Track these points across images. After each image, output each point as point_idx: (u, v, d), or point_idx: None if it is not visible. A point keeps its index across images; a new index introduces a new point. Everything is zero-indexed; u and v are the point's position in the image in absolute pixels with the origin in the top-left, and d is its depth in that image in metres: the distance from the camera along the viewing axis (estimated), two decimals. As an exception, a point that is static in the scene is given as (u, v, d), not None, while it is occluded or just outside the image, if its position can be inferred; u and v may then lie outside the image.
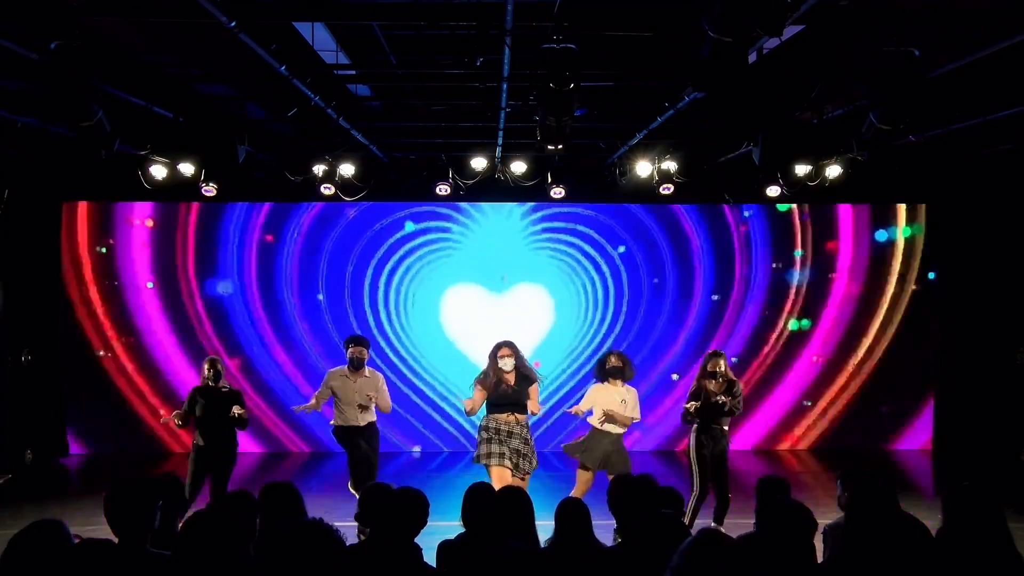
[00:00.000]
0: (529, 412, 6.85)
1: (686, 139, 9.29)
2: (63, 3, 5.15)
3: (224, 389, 7.05)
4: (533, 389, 6.89)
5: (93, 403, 10.63)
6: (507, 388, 6.75)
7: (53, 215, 10.42)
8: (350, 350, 7.25)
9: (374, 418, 7.33)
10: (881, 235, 10.91)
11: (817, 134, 8.21)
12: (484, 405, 6.78)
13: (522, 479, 6.60)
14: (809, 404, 10.98)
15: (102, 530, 3.38)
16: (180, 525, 3.53)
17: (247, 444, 10.72)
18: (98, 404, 10.63)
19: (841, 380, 10.95)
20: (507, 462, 6.59)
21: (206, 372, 7.03)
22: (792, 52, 6.23)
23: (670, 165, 9.38)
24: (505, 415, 6.69)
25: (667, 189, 9.58)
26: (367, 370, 7.29)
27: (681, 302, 10.92)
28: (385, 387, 7.40)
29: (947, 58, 5.90)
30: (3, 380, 9.86)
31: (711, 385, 6.93)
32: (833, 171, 8.73)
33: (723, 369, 6.98)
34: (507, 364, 6.79)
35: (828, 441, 10.98)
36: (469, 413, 6.90)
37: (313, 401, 7.28)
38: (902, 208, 10.88)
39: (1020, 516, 4.82)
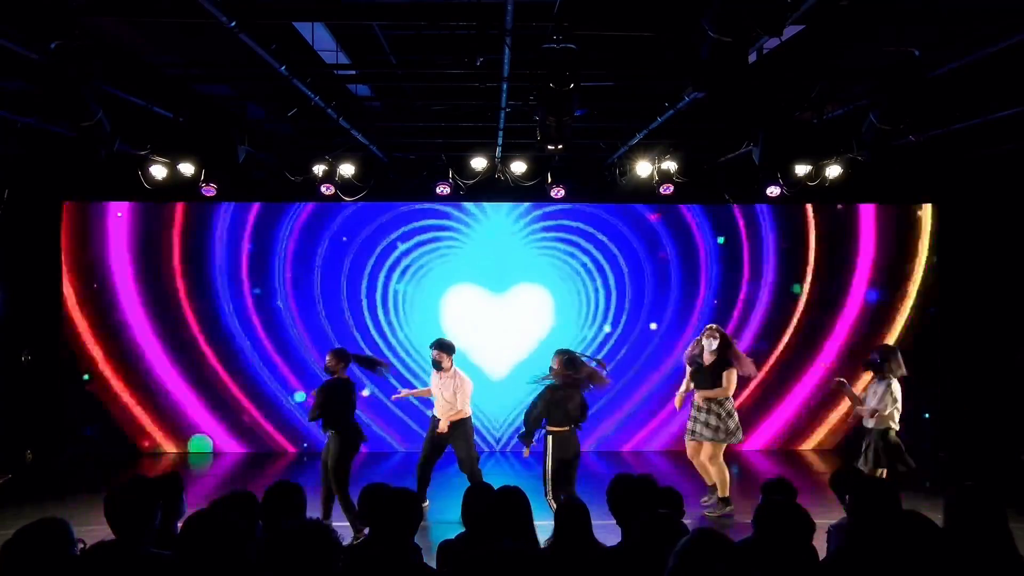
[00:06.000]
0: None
1: (686, 139, 9.29)
2: (63, 3, 5.15)
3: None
4: (726, 374, 7.82)
5: (92, 403, 10.62)
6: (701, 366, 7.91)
7: (53, 215, 10.41)
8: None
9: None
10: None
11: (817, 134, 8.22)
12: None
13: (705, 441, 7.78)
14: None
15: (102, 530, 3.37)
16: (180, 525, 3.53)
17: (232, 445, 10.75)
18: (98, 404, 10.63)
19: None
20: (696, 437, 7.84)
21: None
22: (792, 52, 6.23)
23: (670, 165, 9.39)
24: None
25: (667, 189, 9.59)
26: None
27: (685, 302, 10.91)
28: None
29: (947, 58, 5.90)
30: (3, 380, 9.86)
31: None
32: (833, 171, 8.75)
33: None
34: (711, 344, 7.83)
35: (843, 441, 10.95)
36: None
37: None
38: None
39: (1021, 516, 4.82)
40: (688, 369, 8.11)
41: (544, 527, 3.93)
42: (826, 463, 10.25)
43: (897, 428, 7.04)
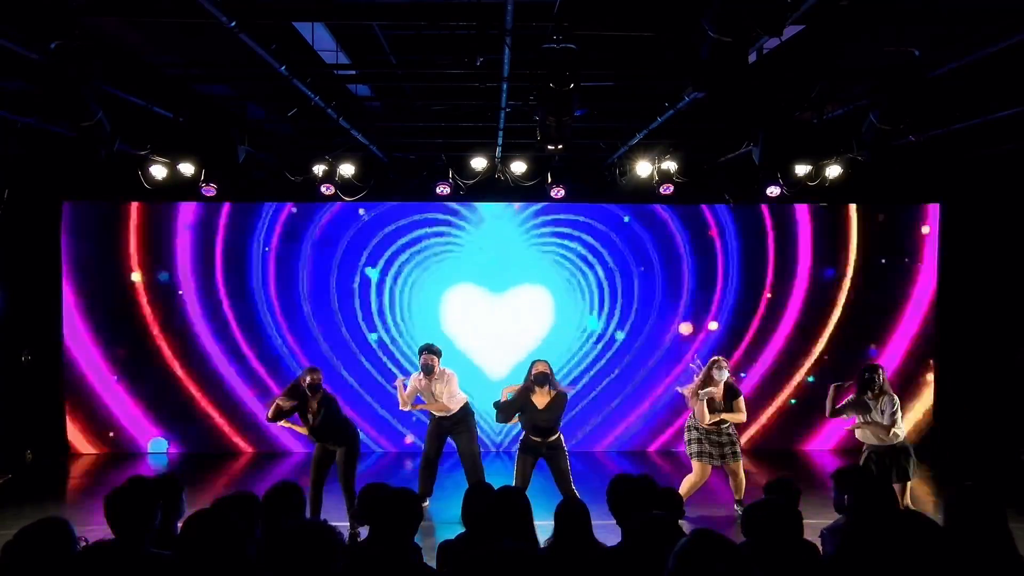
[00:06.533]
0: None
1: (686, 139, 9.29)
2: (63, 3, 5.14)
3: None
4: (738, 402, 7.84)
5: (93, 403, 10.62)
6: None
7: (53, 215, 10.41)
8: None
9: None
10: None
11: (817, 134, 8.22)
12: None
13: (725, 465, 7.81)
14: (794, 402, 10.95)
15: (102, 530, 3.38)
16: (180, 525, 3.53)
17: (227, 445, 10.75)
18: (99, 404, 10.63)
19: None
20: (716, 461, 7.74)
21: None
22: (792, 52, 6.22)
23: (670, 165, 9.39)
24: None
25: (667, 189, 9.59)
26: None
27: (685, 302, 10.90)
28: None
29: (947, 58, 5.90)
30: (3, 380, 9.86)
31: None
32: (833, 171, 8.76)
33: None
34: (723, 375, 7.73)
35: (843, 441, 10.93)
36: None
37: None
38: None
39: (1021, 516, 4.82)
40: (696, 397, 7.83)
41: (544, 527, 3.93)
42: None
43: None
